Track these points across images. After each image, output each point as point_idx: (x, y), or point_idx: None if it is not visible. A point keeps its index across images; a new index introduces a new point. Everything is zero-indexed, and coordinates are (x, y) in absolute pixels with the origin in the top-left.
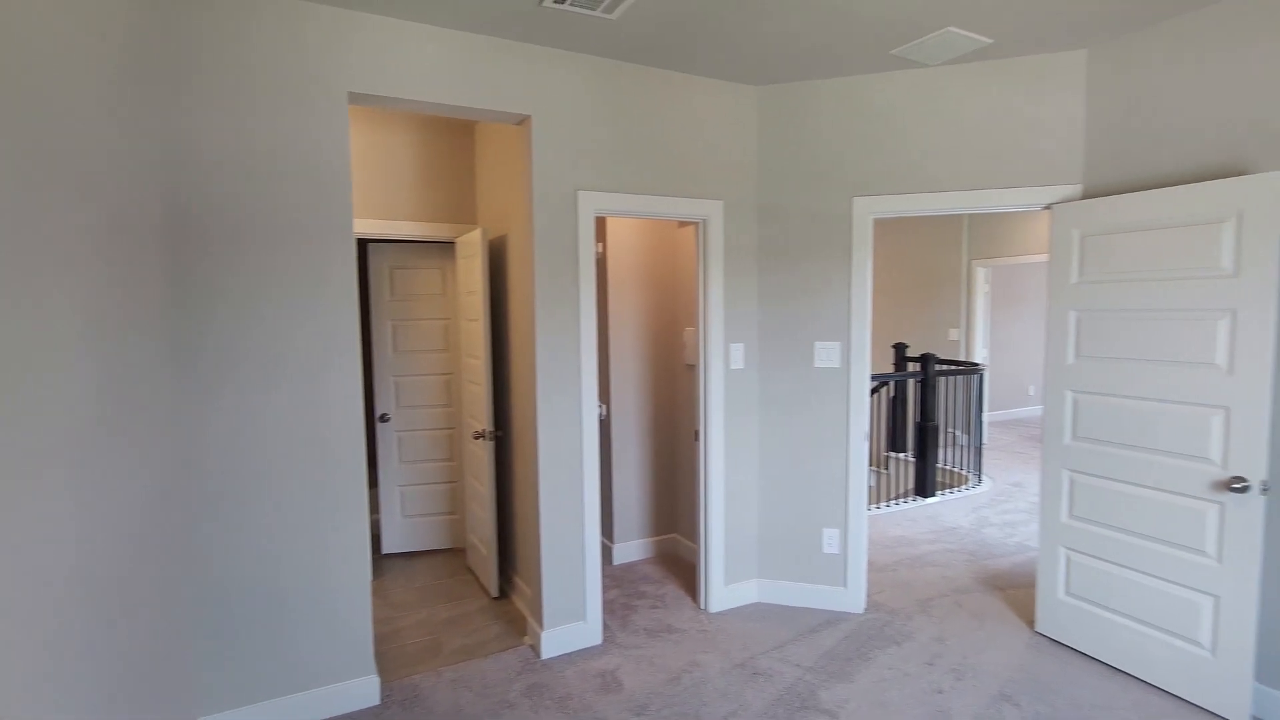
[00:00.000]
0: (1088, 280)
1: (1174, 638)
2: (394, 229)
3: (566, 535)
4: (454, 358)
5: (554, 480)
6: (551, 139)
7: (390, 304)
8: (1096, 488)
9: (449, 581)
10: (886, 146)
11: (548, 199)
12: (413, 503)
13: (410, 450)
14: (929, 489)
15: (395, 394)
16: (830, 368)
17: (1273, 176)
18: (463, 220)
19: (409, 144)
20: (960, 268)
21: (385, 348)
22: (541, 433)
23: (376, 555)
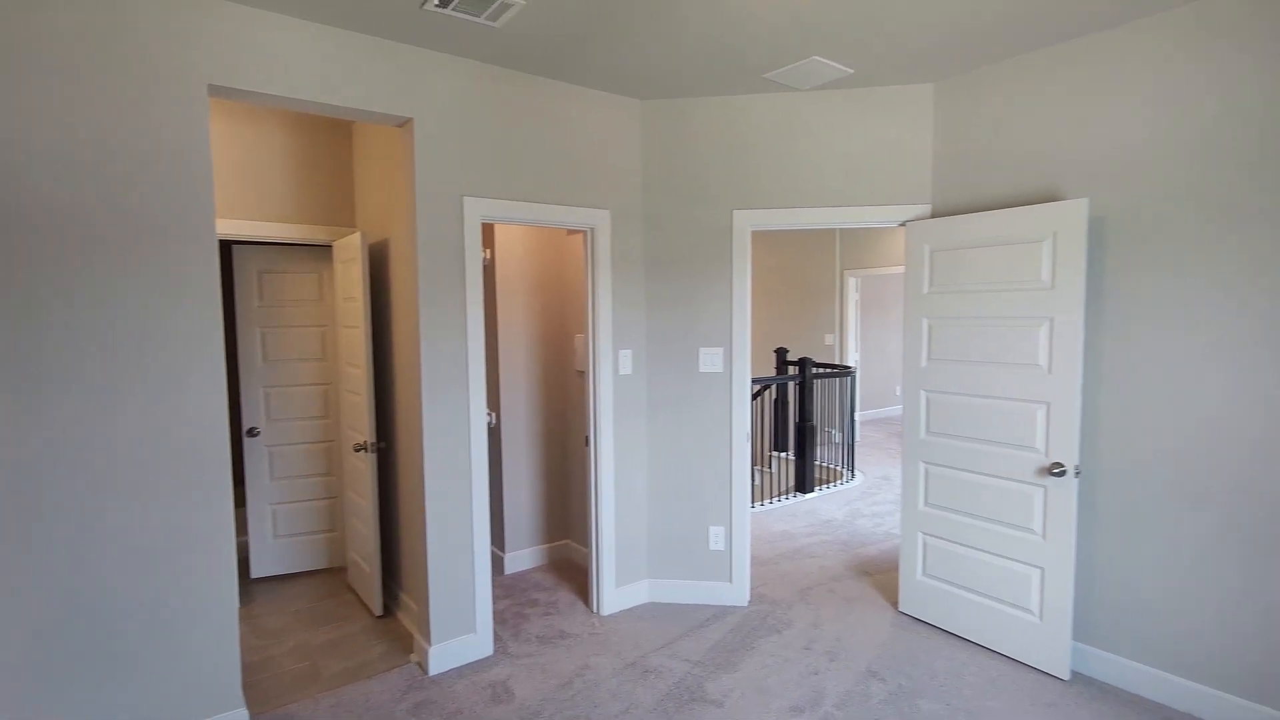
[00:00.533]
0: (937, 291)
1: (1011, 607)
2: (263, 230)
3: (454, 547)
4: (332, 367)
5: (441, 491)
6: (435, 143)
7: (259, 310)
8: (947, 477)
9: (328, 603)
10: (762, 163)
11: (432, 204)
12: (286, 522)
13: (283, 466)
14: (809, 485)
15: (265, 406)
16: (714, 372)
17: (1079, 203)
18: (340, 223)
19: (281, 141)
20: (834, 277)
21: (253, 357)
22: (427, 443)
23: (245, 580)
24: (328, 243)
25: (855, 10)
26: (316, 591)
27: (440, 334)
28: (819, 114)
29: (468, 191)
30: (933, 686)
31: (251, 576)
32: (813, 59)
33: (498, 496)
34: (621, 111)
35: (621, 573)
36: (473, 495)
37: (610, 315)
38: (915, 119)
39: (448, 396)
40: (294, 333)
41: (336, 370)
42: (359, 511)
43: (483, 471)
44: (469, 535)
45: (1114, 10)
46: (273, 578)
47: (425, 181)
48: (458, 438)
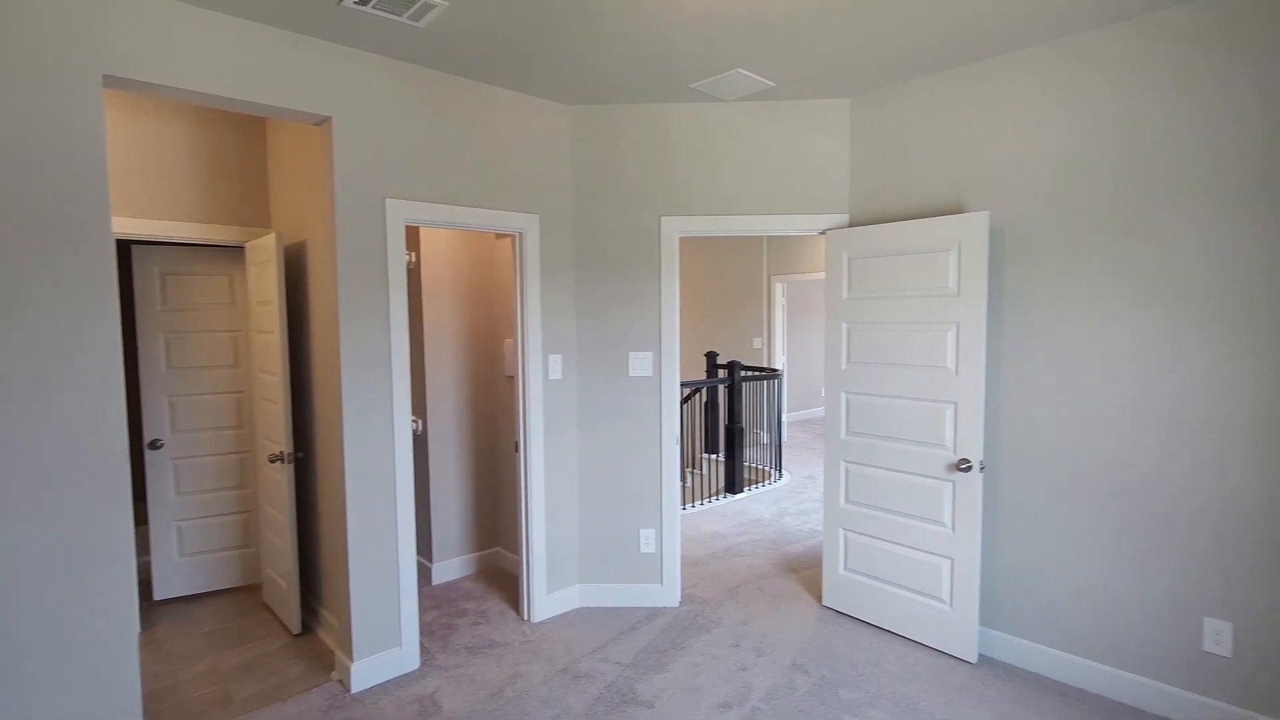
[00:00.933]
0: (855, 296)
1: (924, 597)
2: (166, 230)
3: (378, 559)
4: (246, 374)
5: (363, 502)
6: (356, 143)
7: (163, 314)
8: (866, 475)
9: (241, 623)
10: (689, 171)
11: (352, 205)
12: (194, 539)
13: (191, 479)
14: (738, 486)
15: (170, 416)
16: (644, 376)
17: (980, 215)
18: (253, 223)
19: (187, 136)
20: (762, 283)
21: (156, 364)
22: (349, 452)
23: (148, 602)
24: (239, 244)
25: (774, 28)
26: (228, 611)
27: (362, 339)
28: (743, 124)
29: (390, 193)
30: (853, 676)
31: (155, 599)
32: (736, 71)
33: (424, 505)
34: (550, 116)
35: (553, 579)
36: (397, 505)
37: (539, 320)
38: (834, 132)
39: (370, 404)
40: (202, 338)
41: (250, 377)
42: (275, 525)
43: (408, 480)
44: (393, 546)
45: (1005, 38)
46: (179, 599)
47: (345, 182)
48: (381, 446)
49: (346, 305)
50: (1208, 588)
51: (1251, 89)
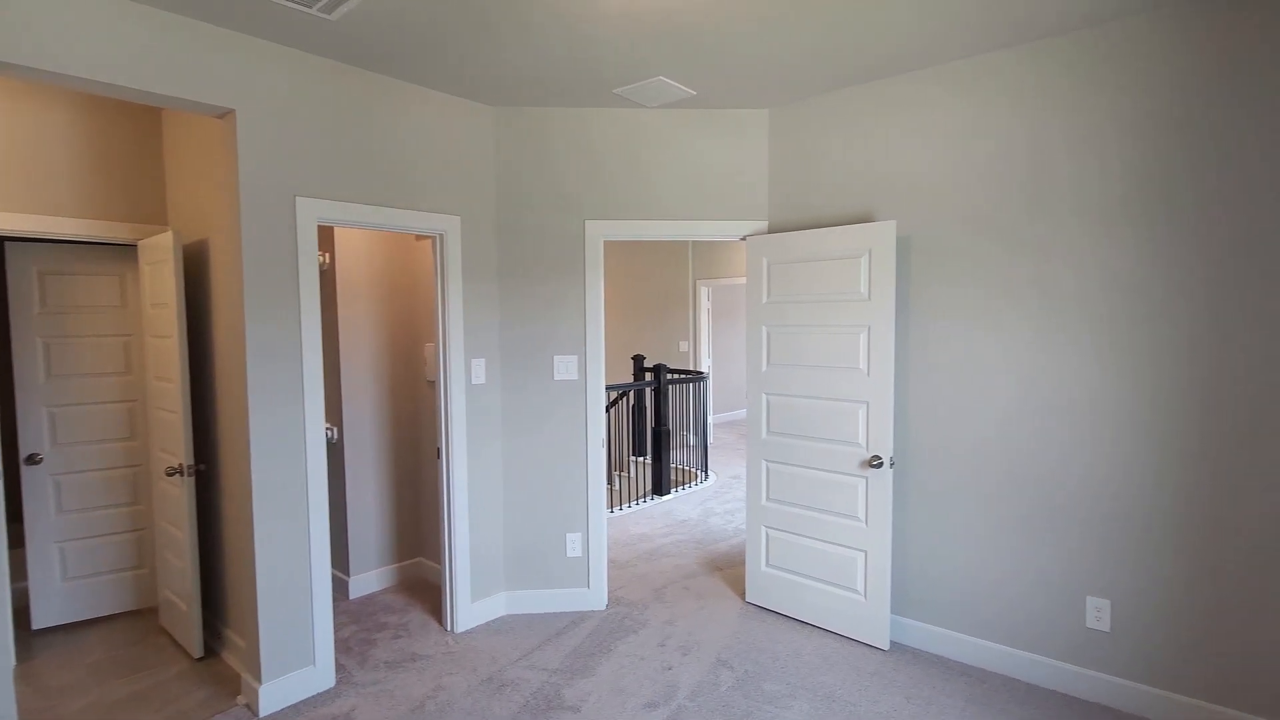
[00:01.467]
0: (774, 300)
1: (841, 589)
2: (45, 225)
3: (289, 575)
4: (140, 381)
5: (272, 515)
6: (263, 138)
7: (41, 318)
8: (786, 473)
9: (134, 650)
10: (614, 176)
11: (260, 204)
12: (79, 561)
13: (75, 497)
14: (665, 487)
15: (50, 428)
16: (569, 380)
17: (888, 224)
18: (148, 220)
19: (72, 125)
20: (688, 287)
21: (33, 372)
22: (256, 463)
23: (25, 632)
24: (131, 242)
25: (693, 37)
26: (120, 638)
27: (270, 343)
28: (667, 131)
29: (302, 191)
30: (775, 668)
31: (34, 628)
32: (658, 79)
33: (340, 516)
34: (473, 117)
35: (477, 587)
36: (310, 517)
37: (461, 323)
38: (753, 141)
39: (279, 411)
40: (88, 343)
41: (144, 385)
42: (173, 543)
43: (321, 491)
44: (305, 561)
45: (910, 57)
46: (62, 627)
47: (252, 179)
48: (291, 456)
49: (253, 308)
50: (1088, 569)
51: (1110, 118)
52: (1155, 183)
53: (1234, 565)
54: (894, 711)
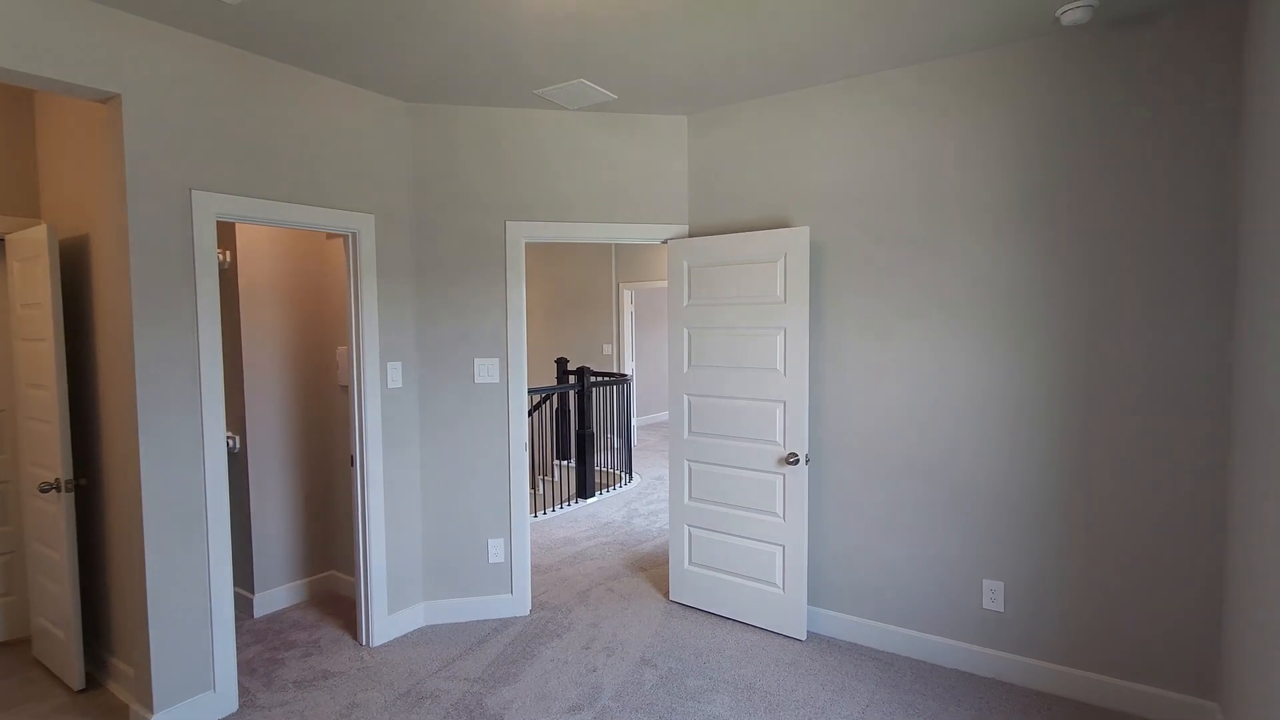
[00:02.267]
0: (695, 303)
1: (761, 583)
2: None
3: (185, 595)
4: (7, 389)
5: (166, 532)
6: (154, 127)
7: None
8: (708, 473)
9: (2, 685)
10: (536, 177)
11: (150, 197)
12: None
13: None
14: (590, 490)
15: None
16: (490, 383)
17: (802, 230)
18: (17, 212)
19: None
20: (611, 290)
21: None
22: (147, 476)
23: None
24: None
25: (613, 42)
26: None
27: (163, 347)
28: (590, 134)
29: (199, 185)
30: (698, 664)
31: None
32: (579, 81)
33: (244, 530)
34: (389, 113)
35: (394, 598)
36: (209, 532)
37: (376, 325)
38: (674, 146)
39: (173, 420)
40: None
41: (12, 394)
42: (48, 566)
43: (222, 504)
44: (203, 579)
45: (819, 70)
46: None
47: (141, 171)
48: (188, 468)
49: (144, 310)
50: (983, 553)
51: (995, 133)
52: (1036, 192)
53: (1113, 545)
54: (810, 699)
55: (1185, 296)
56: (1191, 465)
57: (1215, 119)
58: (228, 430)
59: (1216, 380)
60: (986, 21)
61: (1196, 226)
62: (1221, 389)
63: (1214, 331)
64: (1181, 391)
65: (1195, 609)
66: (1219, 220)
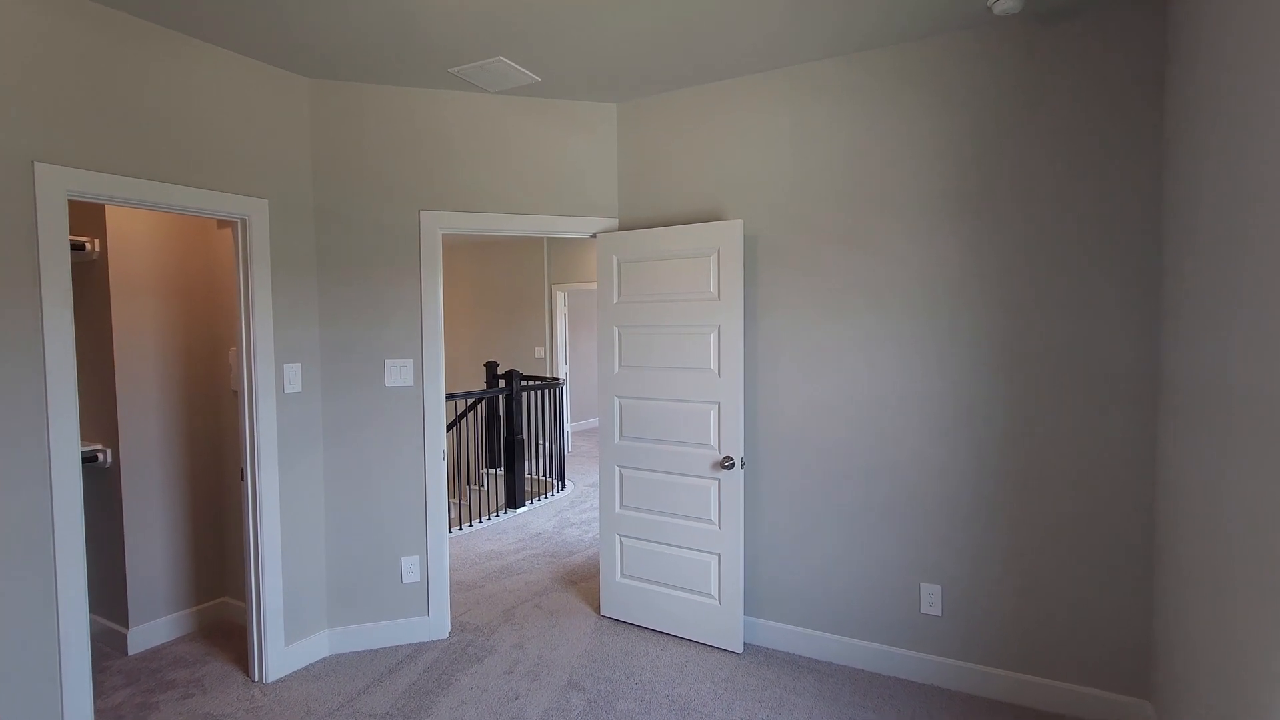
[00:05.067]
0: (626, 300)
1: (696, 595)
2: None
3: (26, 640)
4: None
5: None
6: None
7: None
8: (640, 479)
9: None
10: (454, 164)
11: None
12: None
13: None
14: (519, 500)
15: None
16: (404, 386)
17: (735, 224)
18: None
19: None
20: (543, 291)
21: None
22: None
23: None
24: None
25: (536, 17)
26: None
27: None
28: (513, 120)
29: (43, 156)
30: (629, 685)
31: None
32: (499, 59)
33: (116, 557)
34: (287, 89)
35: (293, 626)
36: (57, 565)
37: (271, 323)
38: (603, 135)
39: (7, 435)
40: None
41: None
42: None
43: (76, 529)
44: (51, 620)
45: (746, 61)
46: None
47: None
48: (28, 490)
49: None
50: (921, 556)
51: (925, 124)
52: (967, 184)
53: (1048, 545)
54: (747, 717)
55: (1115, 289)
56: (1123, 460)
57: (1142, 112)
58: (96, 443)
59: (1145, 375)
60: (918, 11)
61: (1128, 217)
62: (1150, 384)
63: (1142, 325)
64: (1112, 387)
65: (1127, 608)
66: (1150, 211)
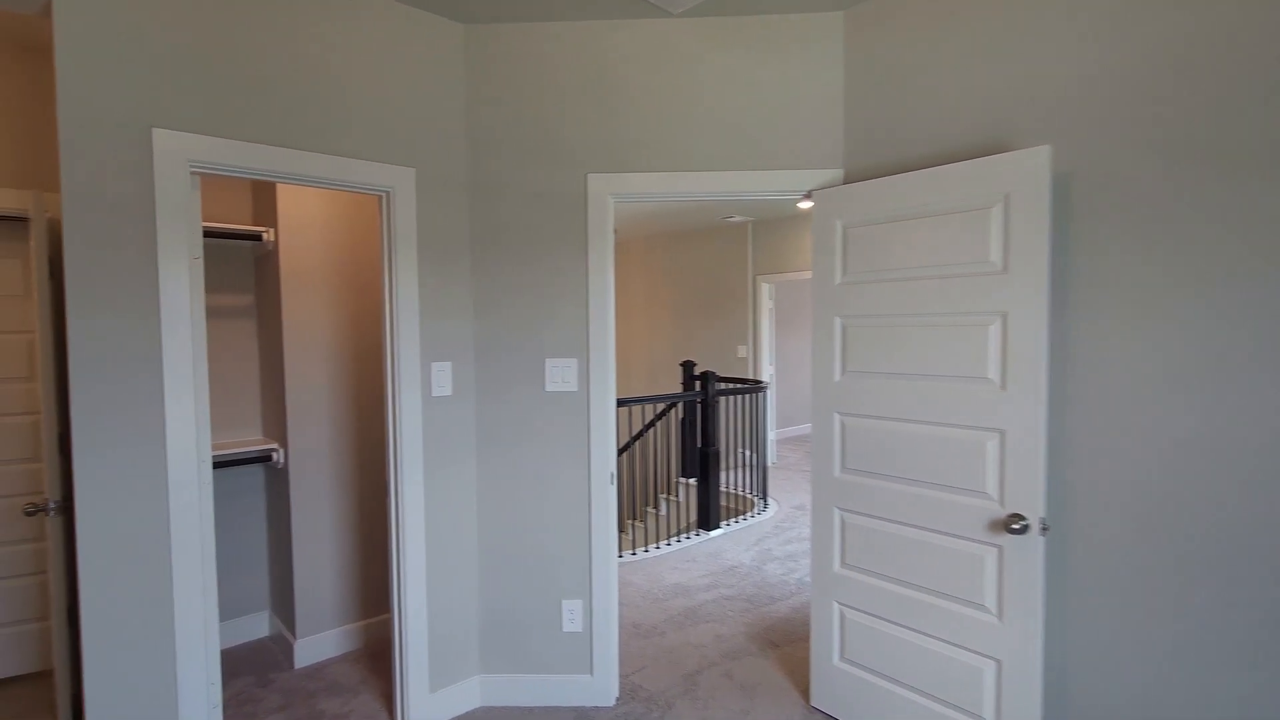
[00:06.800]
0: (853, 280)
1: (957, 712)
2: None
3: (138, 667)
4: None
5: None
6: (98, 42)
7: None
8: (870, 530)
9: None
10: (626, 113)
11: (91, 138)
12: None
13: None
14: (713, 521)
15: None
16: (566, 391)
17: (1037, 152)
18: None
19: None
20: (746, 283)
21: None
22: (84, 510)
23: None
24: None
25: None
26: (13, 708)
27: (102, 344)
28: (700, 48)
29: (161, 121)
30: None
31: None
32: None
33: (285, 561)
34: (436, 37)
35: (439, 670)
36: (174, 590)
37: (417, 313)
38: (822, 57)
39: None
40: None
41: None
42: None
43: (193, 549)
44: (166, 654)
45: None
46: None
47: (78, 101)
48: (138, 500)
49: (78, 288)
50: None
51: None
52: None
53: None
54: None
55: None
56: None
57: None
58: (272, 442)
59: None
60: None
61: None
62: None
63: None
64: None
65: None
66: None
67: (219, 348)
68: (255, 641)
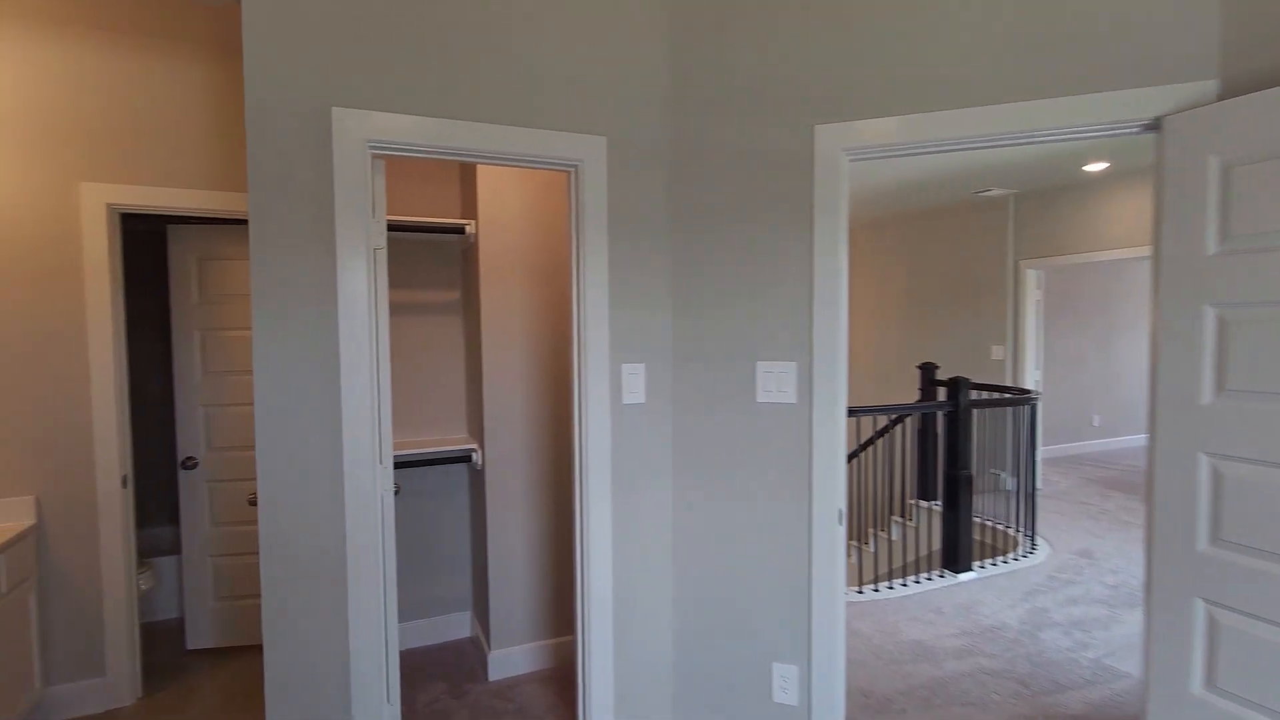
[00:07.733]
0: (1237, 248)
1: None
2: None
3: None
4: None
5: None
6: (280, 19)
7: (200, 308)
8: (1259, 641)
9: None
10: (863, 34)
11: (272, 121)
12: (231, 580)
13: (227, 508)
14: (962, 561)
15: (205, 430)
16: (782, 403)
17: None
18: None
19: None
20: (1005, 270)
21: (190, 368)
22: (266, 520)
23: (179, 651)
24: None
25: None
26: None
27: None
28: None
29: (340, 99)
30: None
31: (188, 648)
32: None
33: (482, 565)
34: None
35: (627, 715)
36: (350, 612)
37: (606, 305)
38: None
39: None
40: (243, 337)
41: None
42: None
43: (369, 567)
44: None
45: None
46: (211, 651)
47: (262, 83)
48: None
49: (261, 284)
50: None
51: None
52: None
53: None
54: None
55: None
56: None
57: None
58: (473, 442)
59: None
60: None
61: None
62: None
63: None
64: None
65: None
66: None
67: (429, 344)
68: (456, 642)
